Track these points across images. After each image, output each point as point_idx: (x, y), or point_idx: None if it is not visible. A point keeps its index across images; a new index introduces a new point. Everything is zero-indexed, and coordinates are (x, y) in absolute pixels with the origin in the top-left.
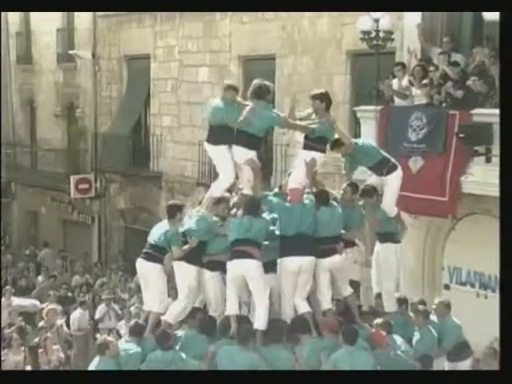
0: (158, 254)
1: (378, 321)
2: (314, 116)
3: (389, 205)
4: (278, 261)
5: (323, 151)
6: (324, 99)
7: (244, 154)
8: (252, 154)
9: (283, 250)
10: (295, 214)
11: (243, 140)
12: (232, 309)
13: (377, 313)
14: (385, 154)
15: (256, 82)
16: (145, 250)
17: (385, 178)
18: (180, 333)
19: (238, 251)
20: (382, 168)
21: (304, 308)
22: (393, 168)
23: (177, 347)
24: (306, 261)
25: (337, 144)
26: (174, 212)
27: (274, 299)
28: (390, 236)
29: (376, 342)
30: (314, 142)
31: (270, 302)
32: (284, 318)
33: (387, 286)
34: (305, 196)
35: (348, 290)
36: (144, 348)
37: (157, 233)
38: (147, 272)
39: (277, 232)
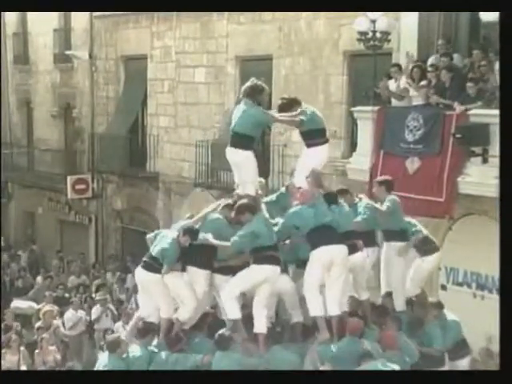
0: (158, 265)
1: (388, 318)
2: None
3: (415, 285)
4: (310, 254)
5: (326, 142)
6: (294, 103)
7: (239, 155)
8: (248, 154)
9: (312, 244)
10: (307, 211)
11: (236, 141)
12: (236, 313)
13: (386, 311)
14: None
15: (250, 81)
16: (145, 259)
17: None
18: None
19: (268, 256)
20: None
21: (334, 311)
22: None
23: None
24: (338, 249)
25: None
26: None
27: (286, 303)
28: (394, 234)
29: (387, 344)
30: (312, 137)
31: (281, 306)
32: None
33: (394, 286)
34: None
35: (366, 294)
36: (154, 352)
37: (159, 246)
38: (148, 281)
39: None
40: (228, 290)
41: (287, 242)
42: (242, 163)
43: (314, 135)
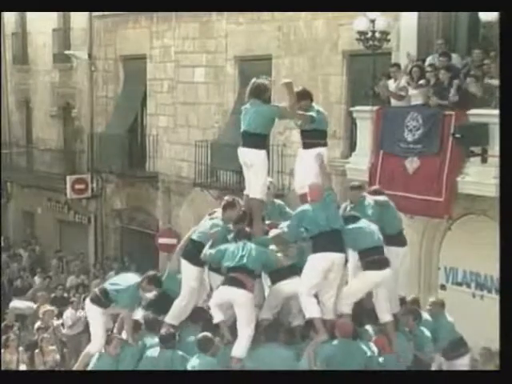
0: (106, 301)
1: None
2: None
3: (382, 309)
4: (310, 257)
5: (325, 145)
6: (306, 96)
7: (252, 155)
8: (261, 153)
9: (314, 248)
10: (319, 214)
11: (249, 141)
12: (218, 317)
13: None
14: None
15: (253, 81)
16: (96, 292)
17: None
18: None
19: (231, 278)
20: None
21: (329, 315)
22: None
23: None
24: (340, 257)
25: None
26: (143, 280)
27: (292, 306)
28: (393, 238)
29: (380, 347)
30: (314, 137)
31: (287, 308)
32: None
33: (389, 288)
34: (326, 193)
35: (389, 316)
36: (142, 346)
37: (118, 286)
38: (92, 313)
39: (304, 234)
40: (212, 299)
41: (295, 245)
42: (254, 163)
43: (315, 136)
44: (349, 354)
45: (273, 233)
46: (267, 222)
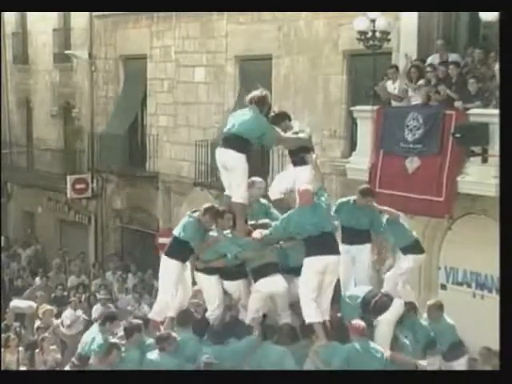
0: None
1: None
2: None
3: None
4: (305, 261)
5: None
6: (285, 117)
7: (232, 157)
8: (241, 157)
9: (307, 251)
10: (306, 218)
11: (231, 142)
12: None
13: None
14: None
15: (259, 90)
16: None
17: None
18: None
19: None
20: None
21: (326, 316)
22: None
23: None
24: (333, 259)
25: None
26: (104, 322)
27: (277, 305)
28: (408, 248)
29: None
30: (305, 153)
31: (271, 306)
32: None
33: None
34: (317, 196)
35: (388, 351)
36: (143, 350)
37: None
38: None
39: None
40: None
41: (277, 245)
42: (234, 167)
43: (302, 152)
44: (368, 353)
45: (256, 234)
46: (250, 222)
